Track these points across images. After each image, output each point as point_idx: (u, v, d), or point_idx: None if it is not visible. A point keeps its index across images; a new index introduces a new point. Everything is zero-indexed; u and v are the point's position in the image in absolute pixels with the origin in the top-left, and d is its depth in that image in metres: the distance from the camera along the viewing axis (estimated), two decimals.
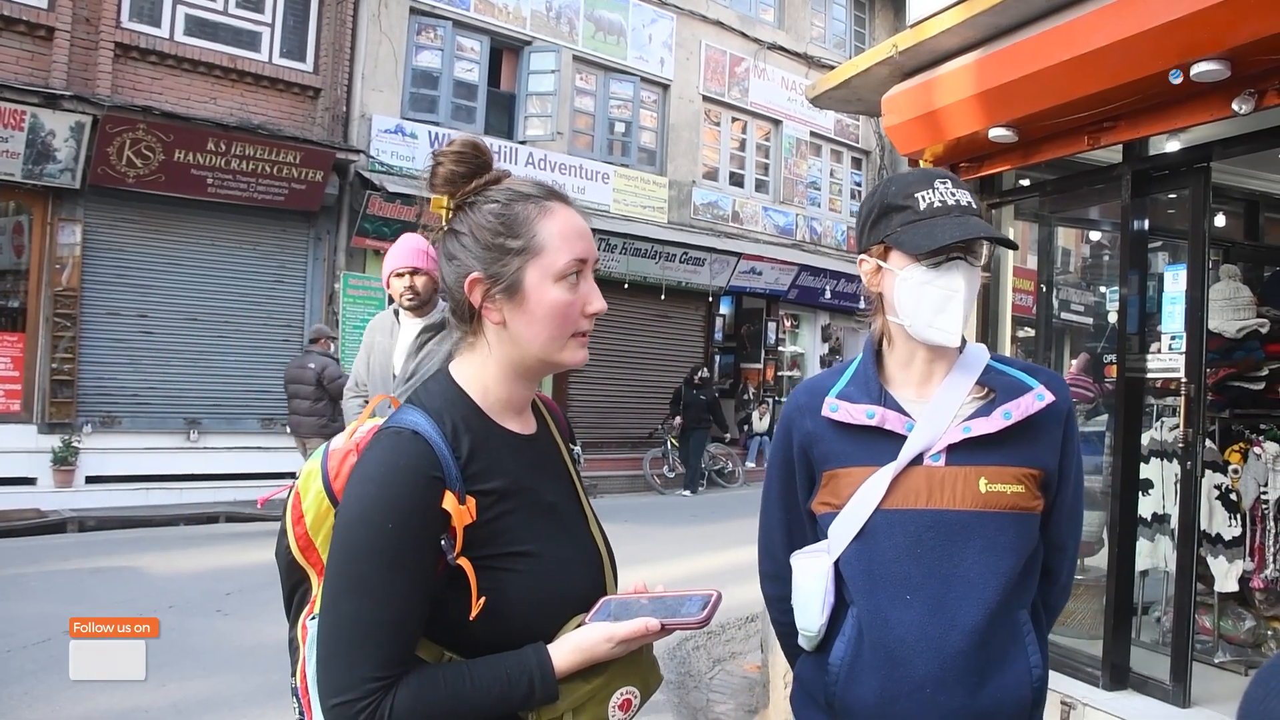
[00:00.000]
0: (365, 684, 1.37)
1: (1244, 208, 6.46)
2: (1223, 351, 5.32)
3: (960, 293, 1.83)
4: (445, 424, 1.50)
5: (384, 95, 14.79)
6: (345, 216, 14.25)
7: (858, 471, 1.89)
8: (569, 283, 1.55)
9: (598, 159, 17.46)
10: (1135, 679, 4.79)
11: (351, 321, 13.82)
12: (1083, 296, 7.33)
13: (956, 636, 1.80)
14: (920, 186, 1.86)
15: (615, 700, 1.52)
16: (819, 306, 21.28)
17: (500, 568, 1.48)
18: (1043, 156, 5.17)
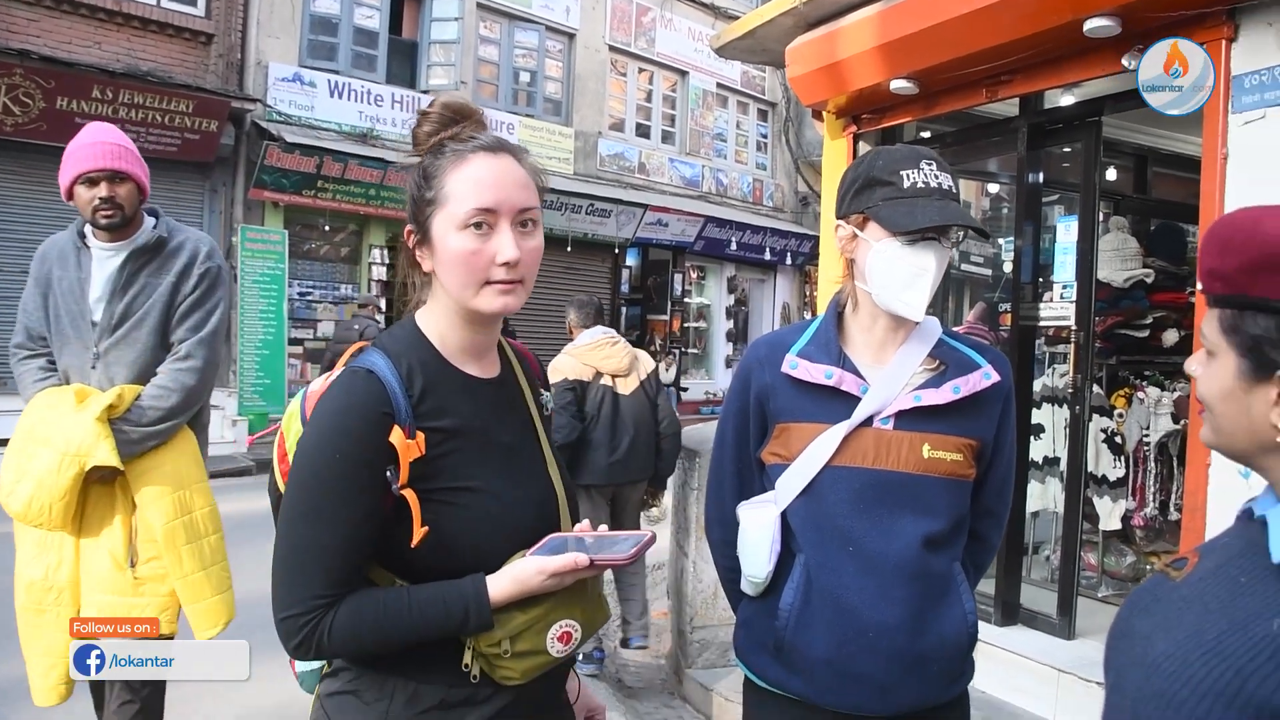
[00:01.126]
0: (310, 600, 1.50)
1: (1134, 162, 6.67)
2: (1110, 300, 5.52)
3: (930, 271, 1.92)
4: (402, 365, 1.59)
5: (280, 42, 14.32)
6: (242, 168, 13.80)
7: (810, 427, 1.98)
8: (473, 232, 1.57)
9: (502, 109, 17.21)
10: (1025, 614, 5.01)
11: (250, 276, 13.44)
12: (982, 248, 7.50)
13: (896, 586, 1.92)
14: (906, 165, 1.94)
15: (554, 632, 1.59)
16: (725, 258, 21.40)
17: (446, 501, 1.57)
18: (943, 109, 5.27)
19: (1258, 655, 1.04)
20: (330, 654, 1.56)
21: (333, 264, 15.68)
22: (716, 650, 5.09)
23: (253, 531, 8.60)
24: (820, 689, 1.97)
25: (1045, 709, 4.41)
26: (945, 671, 1.99)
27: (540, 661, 1.59)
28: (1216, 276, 1.17)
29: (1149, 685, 1.13)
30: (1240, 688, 1.03)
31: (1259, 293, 1.11)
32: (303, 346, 15.03)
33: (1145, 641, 1.20)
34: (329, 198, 14.32)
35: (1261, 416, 1.13)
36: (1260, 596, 1.10)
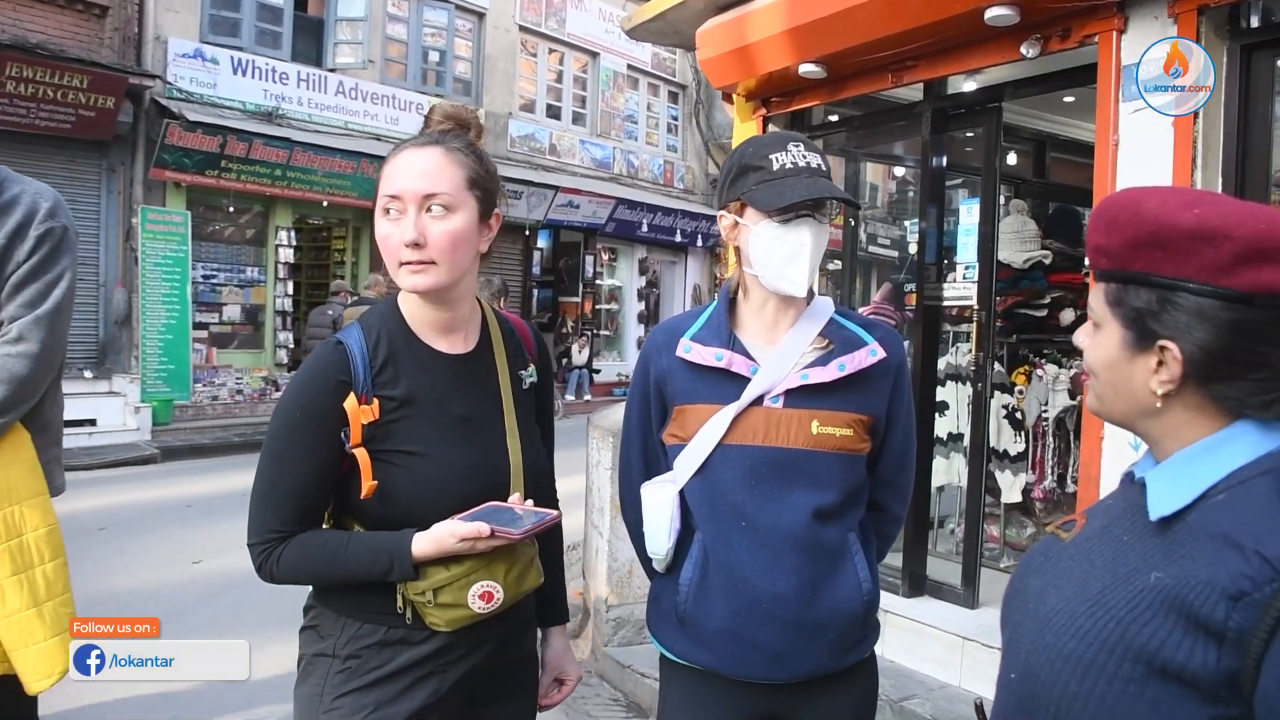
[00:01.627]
0: (266, 532, 1.79)
1: (1033, 147, 6.87)
2: (1011, 281, 5.69)
3: (807, 247, 2.00)
4: (371, 338, 1.83)
5: (180, 17, 13.89)
6: (142, 147, 13.35)
7: (704, 408, 2.06)
8: (389, 217, 1.78)
9: (411, 89, 16.96)
10: (931, 585, 5.16)
11: (152, 258, 13.08)
12: (889, 230, 7.65)
13: (787, 557, 2.01)
14: (775, 148, 2.02)
15: (475, 590, 1.78)
16: (636, 240, 21.45)
17: (392, 462, 1.78)
18: (849, 93, 5.37)
19: (1137, 606, 1.11)
20: (280, 580, 1.81)
21: (238, 246, 15.34)
22: (632, 628, 5.15)
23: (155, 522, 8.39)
24: (721, 658, 2.06)
25: (951, 675, 4.56)
26: (842, 639, 2.07)
27: (463, 614, 1.79)
28: (1102, 252, 1.24)
29: (1041, 638, 1.20)
30: (1122, 636, 1.10)
31: (1140, 268, 1.18)
32: (208, 330, 14.69)
33: (1037, 598, 1.28)
34: (233, 178, 13.98)
35: (1142, 384, 1.20)
36: (1139, 552, 1.18)
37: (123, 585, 6.26)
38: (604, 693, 5.15)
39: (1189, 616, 1.06)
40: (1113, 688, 1.10)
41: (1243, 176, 3.68)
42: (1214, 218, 1.14)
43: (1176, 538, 1.14)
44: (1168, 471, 1.21)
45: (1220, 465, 1.16)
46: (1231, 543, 1.07)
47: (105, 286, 13.24)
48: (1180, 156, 3.67)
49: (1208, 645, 1.05)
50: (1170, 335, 1.16)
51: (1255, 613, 1.02)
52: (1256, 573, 1.03)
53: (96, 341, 13.24)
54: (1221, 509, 1.12)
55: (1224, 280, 1.12)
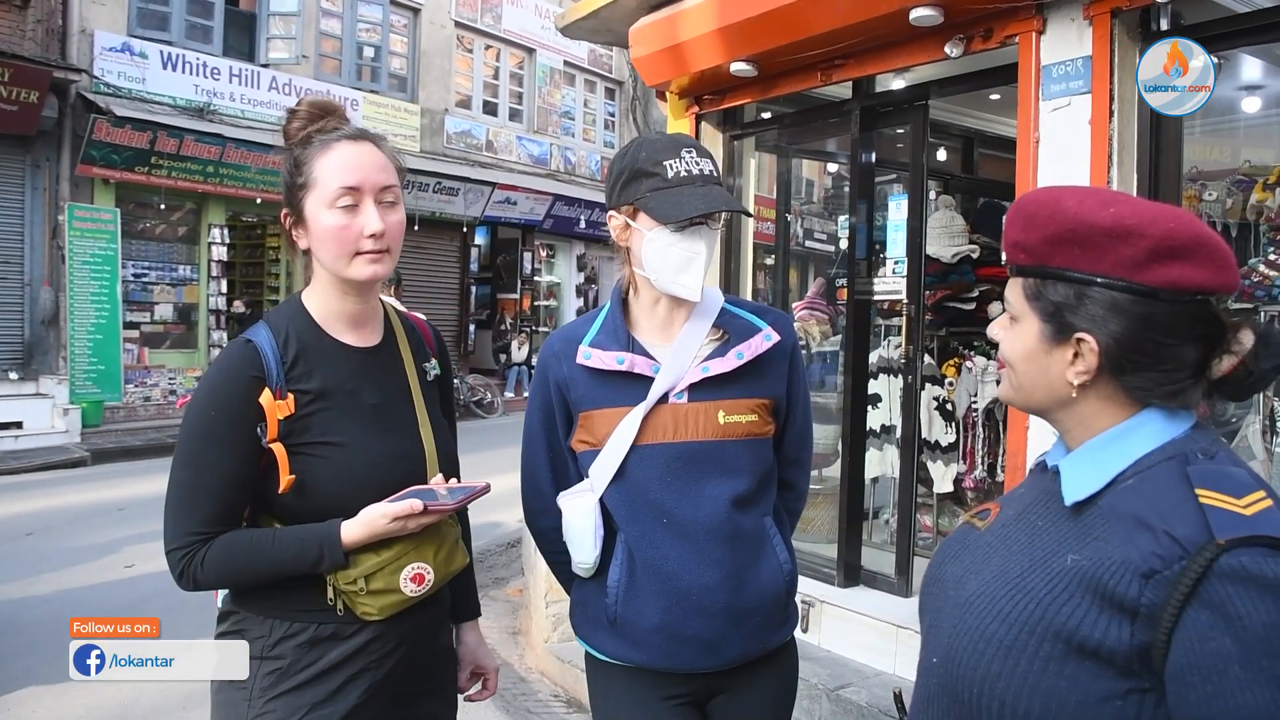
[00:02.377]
0: (187, 536, 1.76)
1: (962, 144, 6.98)
2: (939, 275, 5.78)
3: (701, 255, 2.04)
4: (281, 334, 1.84)
5: (107, 9, 13.61)
6: (68, 142, 13.09)
7: (611, 412, 2.10)
8: (342, 208, 1.81)
9: (346, 84, 16.79)
10: (866, 575, 5.24)
11: (80, 257, 12.81)
12: (824, 225, 7.74)
13: (711, 548, 2.06)
14: (668, 154, 2.05)
15: (407, 573, 1.81)
16: (574, 236, 21.45)
17: (311, 454, 1.80)
18: (780, 91, 5.43)
19: (1055, 587, 1.17)
20: (205, 585, 1.78)
21: (170, 244, 15.08)
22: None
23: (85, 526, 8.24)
24: (655, 654, 2.10)
25: (886, 663, 4.64)
26: (768, 622, 2.14)
27: (396, 599, 1.81)
28: (1020, 248, 1.29)
29: (963, 622, 1.25)
30: (1042, 616, 1.16)
31: (1059, 263, 1.24)
32: (139, 330, 14.42)
33: (956, 584, 1.33)
34: (164, 175, 13.74)
35: (1059, 375, 1.26)
36: (1055, 536, 1.24)
37: (49, 590, 6.15)
38: (544, 689, 5.18)
39: (1104, 595, 1.12)
40: (1034, 666, 1.15)
41: (1156, 173, 3.79)
42: (1129, 216, 1.20)
43: (1090, 521, 1.21)
44: (1080, 459, 1.27)
45: (1129, 452, 1.23)
46: (1142, 524, 1.13)
47: (31, 286, 12.95)
48: (1097, 153, 3.78)
49: (1122, 622, 1.11)
50: (1086, 328, 1.22)
51: (1165, 589, 1.08)
52: (1166, 551, 1.09)
53: (22, 342, 12.95)
54: (1131, 493, 1.19)
55: (1137, 276, 1.19)
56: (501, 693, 5.03)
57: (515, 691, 5.11)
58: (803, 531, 5.50)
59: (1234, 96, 5.18)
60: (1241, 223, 4.82)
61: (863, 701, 4.28)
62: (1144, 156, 3.80)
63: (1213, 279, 1.19)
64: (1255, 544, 1.06)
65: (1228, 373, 1.23)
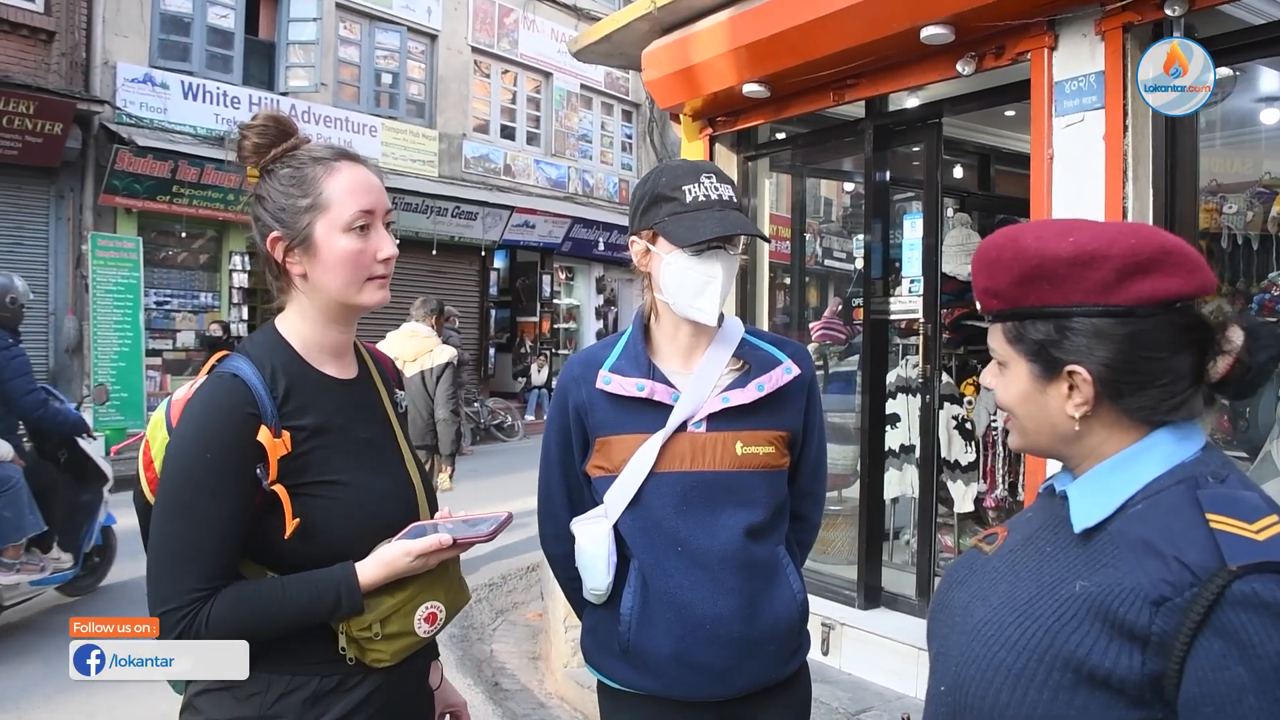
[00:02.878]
0: (186, 594, 1.57)
1: (978, 161, 6.97)
2: (956, 293, 5.75)
3: (718, 279, 2.04)
4: (265, 368, 1.69)
5: (129, 41, 13.76)
6: (91, 173, 13.19)
7: (629, 439, 2.09)
8: (356, 232, 1.72)
9: (364, 111, 16.92)
10: (887, 597, 5.20)
11: (103, 285, 12.90)
12: (844, 244, 7.72)
13: (726, 578, 2.05)
14: (688, 179, 2.06)
15: (421, 613, 1.71)
16: (593, 258, 21.47)
17: (313, 494, 1.66)
18: (793, 111, 5.43)
19: (1063, 614, 1.15)
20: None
21: (191, 271, 15.17)
22: None
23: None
24: (667, 682, 2.08)
25: (908, 686, 4.59)
26: (781, 650, 2.13)
27: (409, 642, 1.71)
28: (992, 294, 1.28)
29: (970, 649, 1.23)
30: (1050, 644, 1.14)
31: (1032, 302, 1.23)
32: (161, 358, 14.50)
33: (964, 611, 1.31)
34: (185, 203, 13.85)
35: (1059, 411, 1.24)
36: (1063, 563, 1.21)
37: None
38: (564, 714, 5.14)
39: (1114, 623, 1.10)
40: (1043, 695, 1.13)
41: (1172, 186, 3.77)
42: (1089, 242, 1.19)
43: (1099, 548, 1.18)
44: (1088, 484, 1.25)
45: (1137, 477, 1.20)
46: (1152, 550, 1.11)
47: (55, 314, 13.07)
48: (1112, 168, 3.75)
49: (1132, 650, 1.09)
50: (1075, 359, 1.21)
51: (1177, 617, 1.06)
52: (1177, 578, 1.07)
53: (47, 370, 13.03)
54: (1140, 519, 1.16)
55: (1112, 298, 1.18)
56: (521, 718, 5.01)
57: (535, 717, 5.08)
58: (822, 553, 5.47)
59: (1253, 108, 5.15)
60: (1263, 234, 4.78)
61: None
62: (1160, 170, 3.77)
63: (1187, 284, 1.18)
64: (1268, 570, 1.04)
65: (1225, 373, 1.21)
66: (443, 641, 5.71)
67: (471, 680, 5.40)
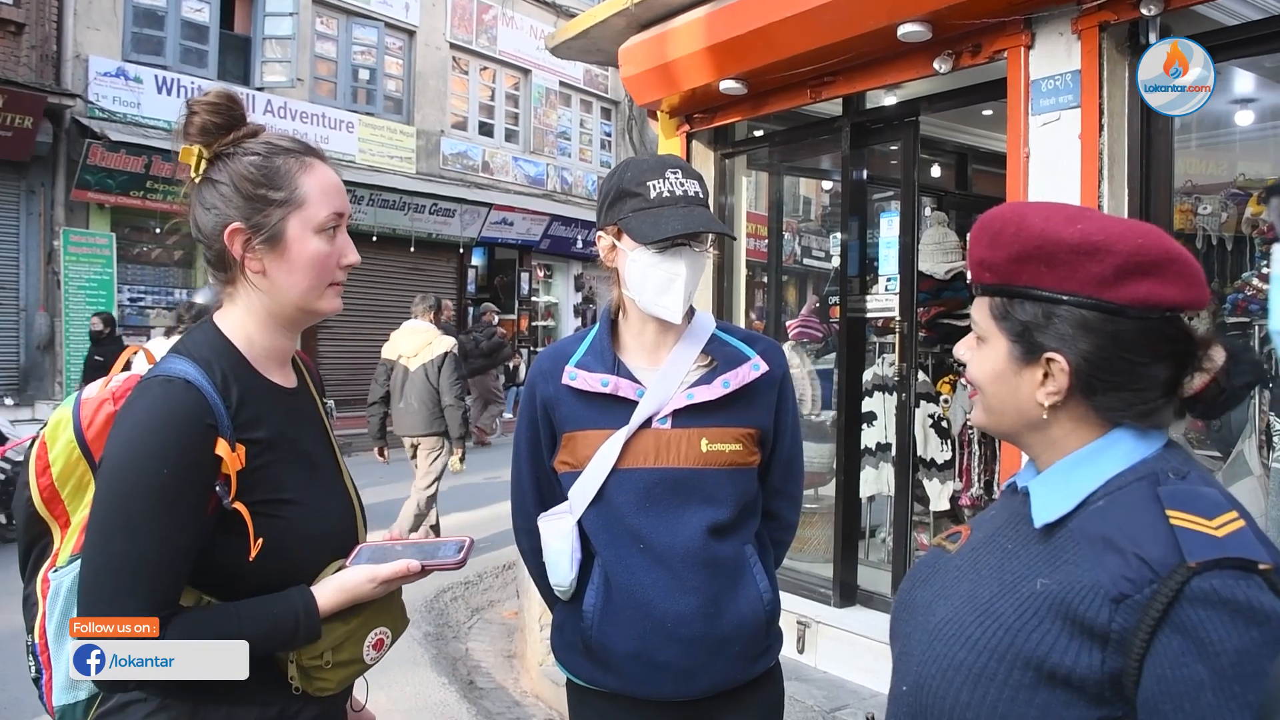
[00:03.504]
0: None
1: (955, 160, 6.98)
2: (933, 292, 5.76)
3: (682, 276, 2.02)
4: (215, 373, 1.54)
5: (101, 34, 13.62)
6: (63, 167, 13.08)
7: (594, 434, 2.08)
8: (327, 235, 1.62)
9: (341, 107, 16.81)
10: (863, 595, 5.20)
11: (75, 282, 12.79)
12: (822, 243, 7.73)
13: (687, 576, 2.03)
14: (653, 175, 2.03)
15: (370, 640, 1.62)
16: (572, 256, 21.43)
17: (267, 514, 1.53)
18: (771, 108, 5.42)
19: (1024, 613, 1.14)
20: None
21: (166, 268, 15.05)
22: None
23: None
24: (629, 681, 2.07)
25: (883, 684, 4.49)
26: (747, 650, 2.11)
27: (355, 670, 1.63)
28: (986, 267, 1.26)
29: (931, 649, 1.22)
30: (1011, 643, 1.13)
31: (1025, 281, 1.21)
32: None
33: (926, 610, 1.30)
34: (159, 199, 13.71)
35: (1028, 396, 1.23)
36: (1024, 560, 1.21)
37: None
38: (539, 712, 5.13)
39: (1074, 620, 1.09)
40: (1004, 695, 1.12)
41: (1147, 187, 3.77)
42: (1096, 233, 1.17)
43: (1059, 544, 1.18)
44: (1049, 480, 1.24)
45: (1099, 473, 1.20)
46: (1112, 546, 1.10)
47: (26, 311, 12.94)
48: (1088, 168, 3.76)
49: (1092, 648, 1.08)
50: (1056, 347, 1.19)
51: (1136, 614, 1.05)
52: (1136, 575, 1.06)
53: (17, 367, 12.92)
54: (1101, 515, 1.16)
55: (1106, 293, 1.16)
56: (495, 716, 4.99)
57: (510, 715, 5.06)
58: (798, 551, 5.46)
59: (1227, 110, 5.18)
60: (1236, 236, 4.81)
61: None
62: (1135, 170, 3.77)
63: (1183, 295, 1.17)
64: (1227, 566, 1.04)
65: (1199, 390, 1.20)
66: (417, 640, 5.73)
67: (446, 679, 5.38)
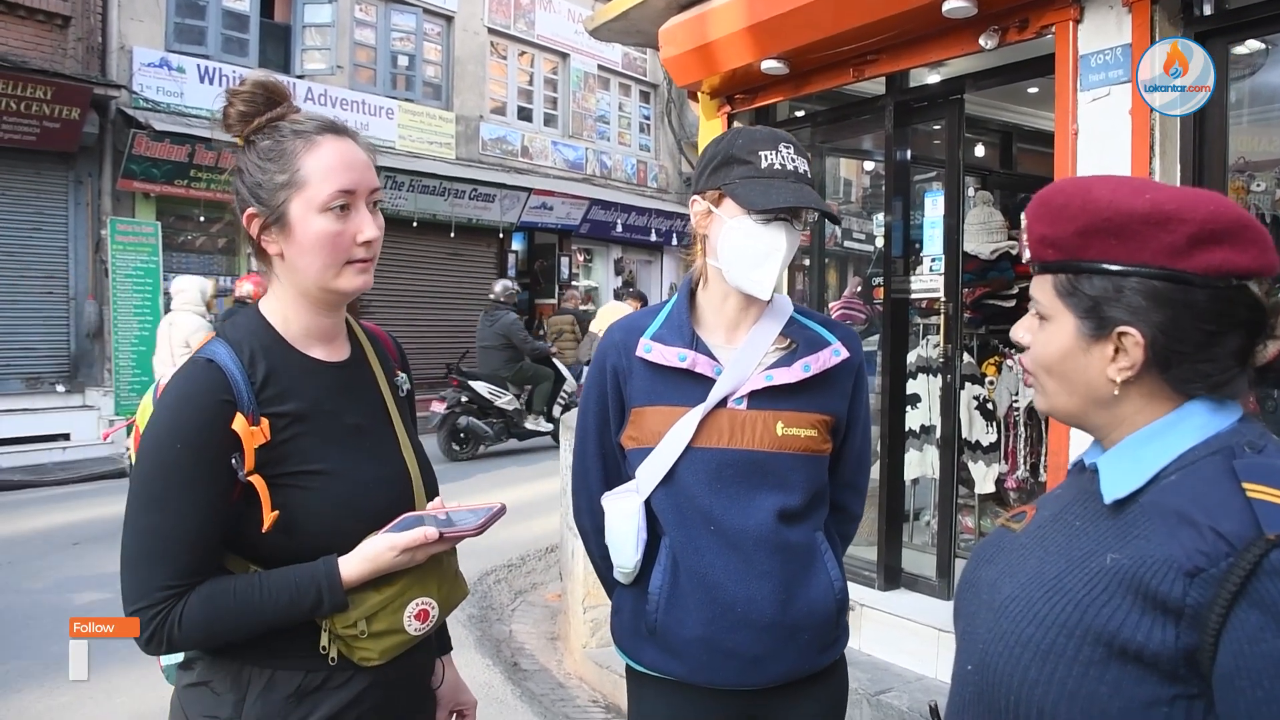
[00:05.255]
0: (158, 592, 1.49)
1: (1000, 138, 6.90)
2: (978, 272, 5.71)
3: (781, 251, 1.97)
4: (244, 352, 1.59)
5: (144, 25, 13.74)
6: (109, 157, 13.20)
7: (666, 410, 2.01)
8: (334, 213, 1.60)
9: (381, 94, 16.88)
10: (907, 578, 5.17)
11: (122, 270, 12.93)
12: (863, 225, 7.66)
13: (759, 559, 1.97)
14: (765, 145, 1.97)
15: (411, 610, 1.62)
16: (611, 240, 21.41)
17: (295, 485, 1.57)
18: (813, 88, 5.37)
19: (1094, 588, 1.11)
20: (182, 645, 1.54)
21: (210, 255, 15.17)
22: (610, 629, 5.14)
23: None
24: (694, 668, 2.01)
25: (928, 667, 4.56)
26: (816, 640, 2.05)
27: (398, 640, 1.61)
28: (1048, 243, 1.22)
29: (998, 626, 1.20)
30: (1080, 619, 1.10)
31: (1093, 256, 1.18)
32: None
33: (991, 588, 1.27)
34: (203, 187, 13.84)
35: (1099, 373, 1.20)
36: (1094, 536, 1.18)
37: (96, 600, 6.20)
38: (583, 694, 5.14)
39: (1146, 595, 1.07)
40: (1073, 672, 1.10)
41: (1200, 163, 3.70)
42: (1167, 202, 1.14)
43: (1130, 519, 1.15)
44: (1119, 456, 1.21)
45: (1171, 448, 1.17)
46: (1186, 520, 1.07)
47: (75, 299, 13.11)
48: (1139, 144, 3.69)
49: (1165, 623, 1.05)
50: (1128, 321, 1.16)
51: (1212, 588, 1.02)
52: (1212, 549, 1.03)
53: (68, 355, 13.11)
54: (1174, 489, 1.13)
55: (1178, 263, 1.13)
56: (539, 698, 5.01)
57: (554, 697, 5.08)
58: None
59: None
60: None
61: (904, 706, 4.21)
62: (1188, 146, 3.70)
63: (1256, 261, 1.14)
64: None
65: (1272, 359, 1.18)
66: (461, 621, 5.77)
67: (490, 660, 5.42)
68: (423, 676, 1.83)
